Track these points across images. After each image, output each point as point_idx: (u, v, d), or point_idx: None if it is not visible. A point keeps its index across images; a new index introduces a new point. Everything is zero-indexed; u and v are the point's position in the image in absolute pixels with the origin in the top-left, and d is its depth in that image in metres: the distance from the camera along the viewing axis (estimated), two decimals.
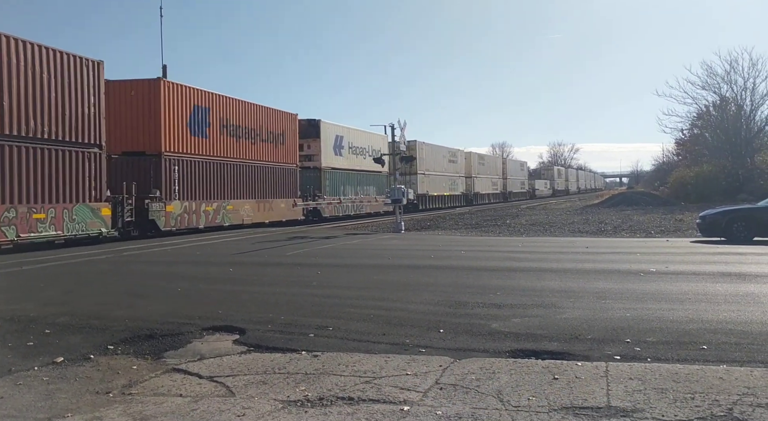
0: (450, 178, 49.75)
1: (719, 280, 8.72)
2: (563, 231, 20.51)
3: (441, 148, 48.26)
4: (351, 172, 34.50)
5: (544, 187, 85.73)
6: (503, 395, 4.08)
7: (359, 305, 7.33)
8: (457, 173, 50.87)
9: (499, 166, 66.05)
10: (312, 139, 30.88)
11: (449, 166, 49.70)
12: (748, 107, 41.94)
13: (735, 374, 4.42)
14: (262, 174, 26.36)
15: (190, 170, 21.81)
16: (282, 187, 27.71)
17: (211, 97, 23.27)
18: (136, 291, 8.68)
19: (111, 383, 4.64)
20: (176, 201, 20.83)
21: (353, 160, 34.79)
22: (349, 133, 34.47)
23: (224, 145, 23.84)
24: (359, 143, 35.89)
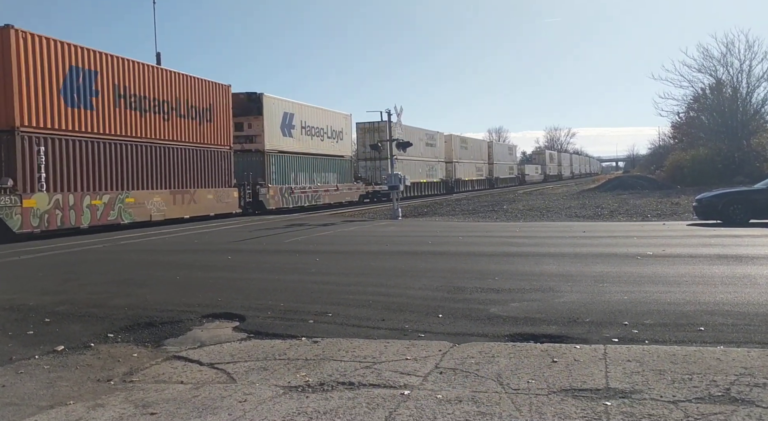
0: (427, 164, 45.30)
1: (716, 262, 8.77)
2: (560, 216, 20.55)
3: (417, 129, 43.51)
4: (305, 157, 29.69)
5: (534, 173, 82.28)
6: (503, 379, 4.11)
7: (358, 291, 7.35)
8: (435, 158, 46.35)
9: (484, 150, 61.25)
10: (253, 116, 26.07)
11: (426, 150, 45.43)
12: (744, 90, 42.00)
13: (732, 354, 4.45)
14: (181, 158, 21.44)
15: (65, 152, 16.84)
16: (210, 174, 23.01)
17: (99, 57, 18.17)
18: (135, 279, 8.68)
19: (112, 371, 4.66)
20: (41, 193, 15.92)
21: (307, 143, 30.08)
22: (302, 110, 29.68)
23: (121, 121, 18.83)
24: (315, 123, 31.01)
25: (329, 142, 32.49)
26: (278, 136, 27.43)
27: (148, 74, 20.24)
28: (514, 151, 78.52)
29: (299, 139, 29.40)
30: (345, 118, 35.13)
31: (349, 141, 35.48)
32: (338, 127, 33.55)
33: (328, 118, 32.69)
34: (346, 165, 34.54)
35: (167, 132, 20.97)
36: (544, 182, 79.39)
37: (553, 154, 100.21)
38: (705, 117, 46.22)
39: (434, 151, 47.46)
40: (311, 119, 30.63)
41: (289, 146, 28.30)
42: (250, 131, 26.43)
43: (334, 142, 33.09)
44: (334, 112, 33.67)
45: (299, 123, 29.37)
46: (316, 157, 30.88)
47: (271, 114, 26.84)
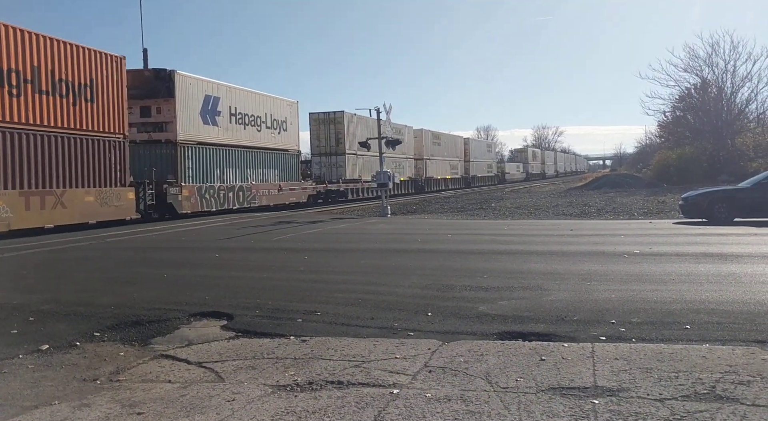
0: (394, 161, 39.99)
1: (701, 260, 8.86)
2: (548, 214, 20.67)
3: (384, 123, 41.41)
4: (235, 150, 25.20)
5: (515, 171, 78.89)
6: (491, 377, 4.12)
7: (347, 289, 7.34)
8: (403, 154, 41.38)
9: (459, 147, 56.83)
10: (163, 99, 21.41)
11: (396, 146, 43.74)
12: (729, 89, 42.42)
13: (717, 352, 4.50)
14: (40, 148, 16.18)
15: None
16: (90, 169, 17.84)
17: None
18: (121, 277, 8.60)
19: (98, 370, 4.61)
20: None
21: (239, 133, 25.45)
22: (231, 94, 25.15)
23: None
24: (250, 110, 26.38)
25: (269, 133, 27.84)
26: (197, 124, 22.63)
27: None
28: (494, 149, 75.04)
29: (228, 128, 24.67)
30: (290, 105, 30.11)
31: (295, 132, 30.65)
32: (281, 115, 28.77)
33: (268, 105, 27.88)
34: (291, 160, 29.84)
35: (16, 112, 15.46)
36: (526, 181, 76.55)
37: (536, 151, 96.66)
38: (691, 116, 46.69)
39: (402, 147, 42.11)
40: (244, 105, 25.96)
41: (213, 136, 23.59)
42: (159, 117, 21.57)
43: (275, 134, 28.35)
44: (275, 98, 28.84)
45: (227, 109, 24.63)
46: (250, 150, 26.25)
47: (186, 96, 22.10)
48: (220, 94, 24.43)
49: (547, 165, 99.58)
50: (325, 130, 34.22)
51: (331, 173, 34.19)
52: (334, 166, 34.35)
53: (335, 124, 34.01)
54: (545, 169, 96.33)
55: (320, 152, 34.60)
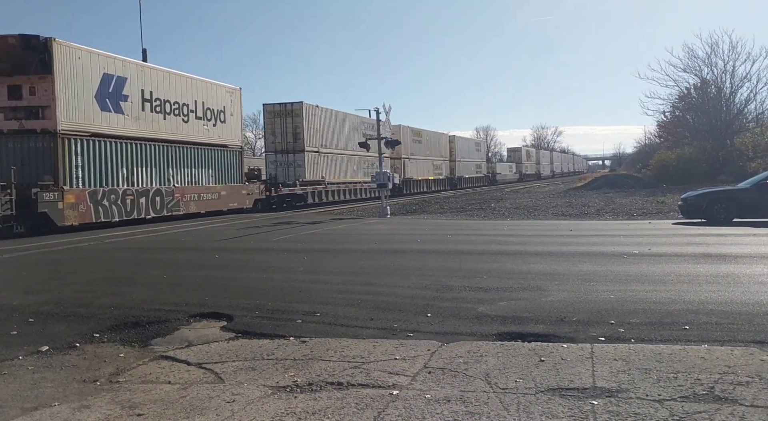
0: (367, 160, 35.86)
1: (700, 261, 8.87)
2: (547, 214, 20.69)
3: (347, 116, 34.50)
4: (151, 144, 20.58)
5: (508, 172, 74.62)
6: (491, 378, 4.13)
7: (346, 290, 7.34)
8: (377, 153, 38.06)
9: (443, 145, 52.29)
10: (38, 76, 16.66)
11: None
12: (728, 90, 42.48)
13: (716, 353, 4.51)
14: None
15: None
16: None
17: None
18: (121, 278, 8.60)
19: (98, 372, 4.61)
20: None
21: (157, 124, 20.86)
22: (143, 74, 20.38)
23: None
24: (174, 96, 21.73)
25: (200, 124, 23.23)
26: (91, 111, 18.01)
27: None
28: (484, 147, 70.41)
29: (140, 117, 20.08)
30: (230, 93, 25.63)
31: (237, 125, 26.30)
32: (217, 104, 24.39)
33: (199, 91, 23.32)
34: (231, 158, 25.29)
35: None
36: (519, 182, 72.66)
37: (531, 151, 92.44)
38: (690, 116, 46.76)
39: (375, 145, 41.46)
40: (165, 90, 21.38)
41: (116, 127, 19.04)
42: (33, 100, 16.74)
43: (208, 126, 23.80)
44: (209, 83, 24.23)
45: (138, 93, 20.02)
46: (174, 145, 21.70)
47: (72, 74, 17.41)
48: (127, 73, 19.60)
49: (543, 165, 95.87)
50: (282, 125, 29.64)
51: (288, 174, 29.64)
52: (291, 165, 29.61)
53: (293, 117, 29.43)
54: (540, 170, 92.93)
55: (275, 149, 29.99)
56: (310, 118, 30.24)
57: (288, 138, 29.76)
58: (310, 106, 30.39)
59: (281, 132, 29.89)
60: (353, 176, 35.19)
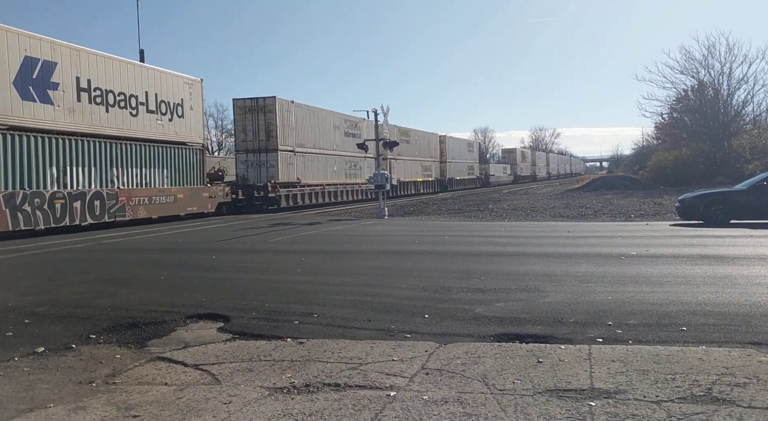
0: (349, 161, 34.20)
1: (698, 262, 8.88)
2: (545, 215, 20.70)
3: (327, 113, 32.38)
4: (90, 141, 18.25)
5: (502, 173, 72.56)
6: (488, 379, 4.12)
7: (344, 291, 7.33)
8: (361, 153, 33.37)
9: (433, 146, 49.80)
10: None
11: (346, 141, 33.72)
12: (725, 91, 42.67)
13: (714, 354, 4.51)
14: None
15: None
16: None
17: None
18: (118, 279, 8.57)
19: (94, 373, 4.59)
20: None
21: (98, 117, 18.58)
22: (79, 60, 17.97)
23: None
24: (119, 86, 19.45)
25: (152, 119, 20.94)
26: (8, 99, 15.64)
27: None
28: (476, 148, 66.68)
29: (75, 108, 17.67)
30: (189, 85, 23.25)
31: (198, 120, 23.87)
32: (174, 97, 22.03)
33: (151, 82, 20.97)
34: (190, 157, 22.77)
35: None
36: (514, 184, 71.10)
37: (526, 152, 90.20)
38: (687, 118, 46.91)
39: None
40: (108, 79, 18.96)
41: (43, 119, 16.62)
42: None
43: (163, 120, 21.47)
44: (164, 73, 21.76)
45: (72, 81, 17.65)
46: (120, 142, 19.46)
47: None
48: (58, 57, 17.15)
49: (539, 167, 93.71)
50: (253, 121, 27.47)
51: (260, 175, 27.40)
52: (263, 166, 27.38)
53: (266, 113, 27.28)
54: (536, 171, 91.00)
55: (246, 149, 27.80)
56: (284, 115, 28.07)
57: (260, 136, 27.62)
58: (285, 101, 28.25)
59: (252, 130, 27.69)
60: (334, 178, 32.91)
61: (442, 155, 52.02)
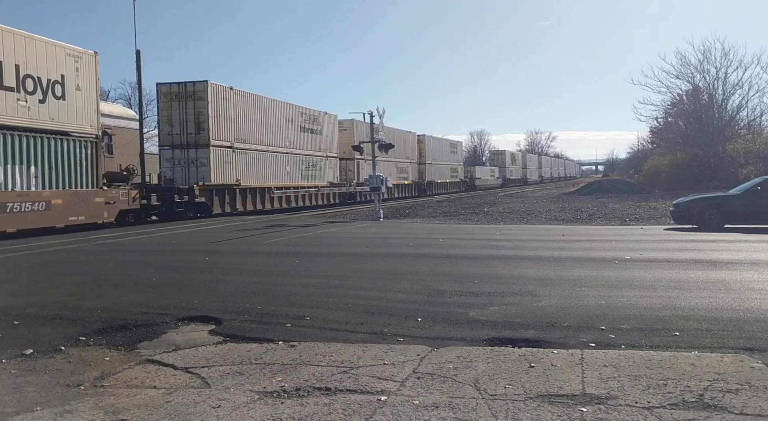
0: (304, 160, 29.86)
1: (691, 267, 8.88)
2: (540, 219, 20.71)
3: (279, 104, 28.23)
4: None
5: (489, 176, 68.92)
6: (480, 384, 4.10)
7: (337, 294, 7.30)
8: (322, 152, 30.92)
9: (411, 146, 45.28)
10: None
11: (307, 139, 30.09)
12: (720, 96, 42.78)
13: (706, 360, 4.50)
14: None
15: None
16: None
17: None
18: (109, 280, 8.51)
19: (82, 376, 4.54)
20: None
21: None
22: None
23: None
24: None
25: (11, 98, 15.96)
26: None
27: None
28: (460, 149, 62.30)
29: None
30: (75, 58, 18.28)
31: (88, 105, 18.82)
32: (49, 72, 17.19)
33: (11, 50, 15.98)
34: (76, 151, 18.14)
35: None
36: (502, 188, 68.20)
37: (516, 154, 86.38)
38: (682, 122, 47.05)
39: (321, 142, 31.12)
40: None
41: None
42: None
43: (31, 102, 16.58)
44: (34, 40, 16.80)
45: None
46: None
47: None
48: None
49: (530, 170, 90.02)
50: (181, 110, 23.22)
51: (188, 175, 23.45)
52: (192, 164, 23.24)
53: (195, 101, 23.09)
54: (527, 175, 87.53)
55: (172, 143, 23.56)
56: (218, 103, 23.81)
57: (188, 128, 23.44)
58: (219, 87, 23.98)
59: (179, 121, 23.49)
60: (286, 180, 28.64)
61: (420, 156, 47.92)
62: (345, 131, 34.88)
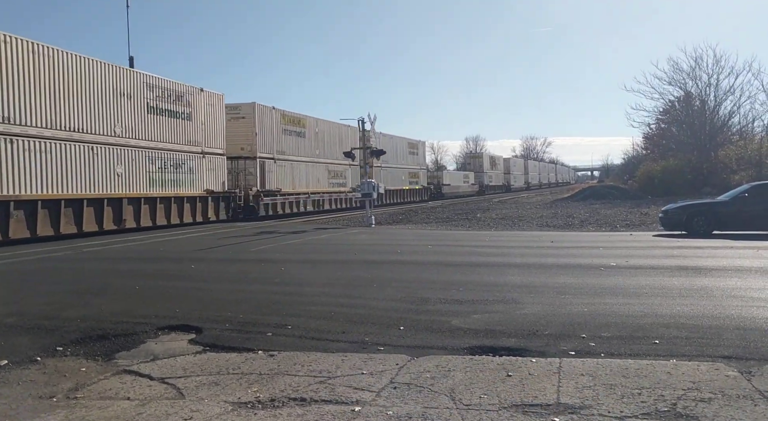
0: (172, 157, 21.83)
1: (676, 274, 8.90)
2: (531, 225, 20.74)
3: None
4: None
5: (462, 183, 60.54)
6: (455, 394, 4.08)
7: (321, 302, 7.27)
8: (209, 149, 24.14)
9: (349, 143, 32.05)
10: None
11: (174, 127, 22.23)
12: (712, 103, 43.10)
13: (682, 368, 4.50)
14: None
15: None
16: None
17: None
18: (91, 289, 8.45)
19: (56, 387, 4.49)
20: None
21: None
22: None
23: None
24: None
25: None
26: None
27: None
28: (423, 150, 51.35)
29: None
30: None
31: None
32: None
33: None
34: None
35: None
36: (479, 195, 60.13)
37: (497, 158, 77.39)
38: (675, 128, 47.33)
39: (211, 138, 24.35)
40: None
41: None
42: None
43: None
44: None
45: None
46: None
47: None
48: None
49: (514, 175, 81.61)
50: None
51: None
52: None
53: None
54: (511, 181, 79.08)
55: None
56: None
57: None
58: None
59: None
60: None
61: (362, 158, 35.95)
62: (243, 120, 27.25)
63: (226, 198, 25.16)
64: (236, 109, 26.70)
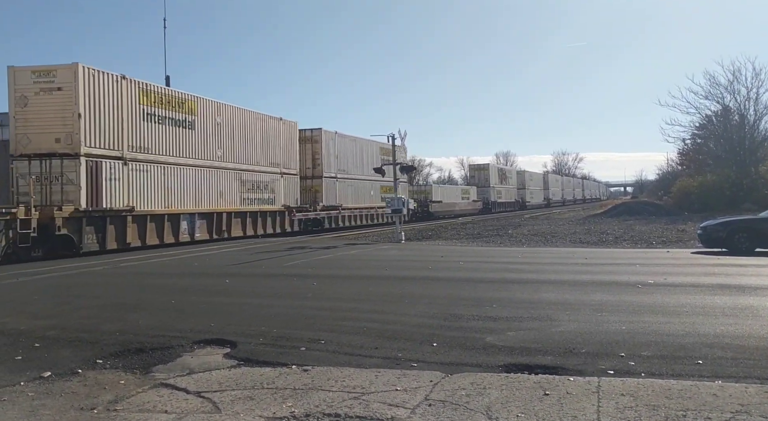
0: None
1: (718, 292, 8.62)
2: (564, 242, 20.41)
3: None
4: None
5: (459, 199, 50.94)
6: (492, 412, 4.01)
7: (353, 317, 7.27)
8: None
9: (286, 144, 27.67)
10: None
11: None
12: (752, 117, 41.90)
13: (729, 390, 4.33)
14: None
15: None
16: None
17: None
18: (128, 303, 8.63)
19: (97, 399, 4.58)
20: None
21: None
22: None
23: None
24: None
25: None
26: None
27: None
28: (404, 155, 36.10)
29: None
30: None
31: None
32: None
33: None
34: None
35: None
36: (483, 214, 51.14)
37: (508, 171, 67.35)
38: (712, 143, 46.16)
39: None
40: None
41: None
42: None
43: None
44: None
45: None
46: None
47: None
48: None
49: (531, 191, 70.67)
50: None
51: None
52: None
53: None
54: (527, 197, 68.63)
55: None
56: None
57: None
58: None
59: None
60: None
61: (314, 163, 29.96)
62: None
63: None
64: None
